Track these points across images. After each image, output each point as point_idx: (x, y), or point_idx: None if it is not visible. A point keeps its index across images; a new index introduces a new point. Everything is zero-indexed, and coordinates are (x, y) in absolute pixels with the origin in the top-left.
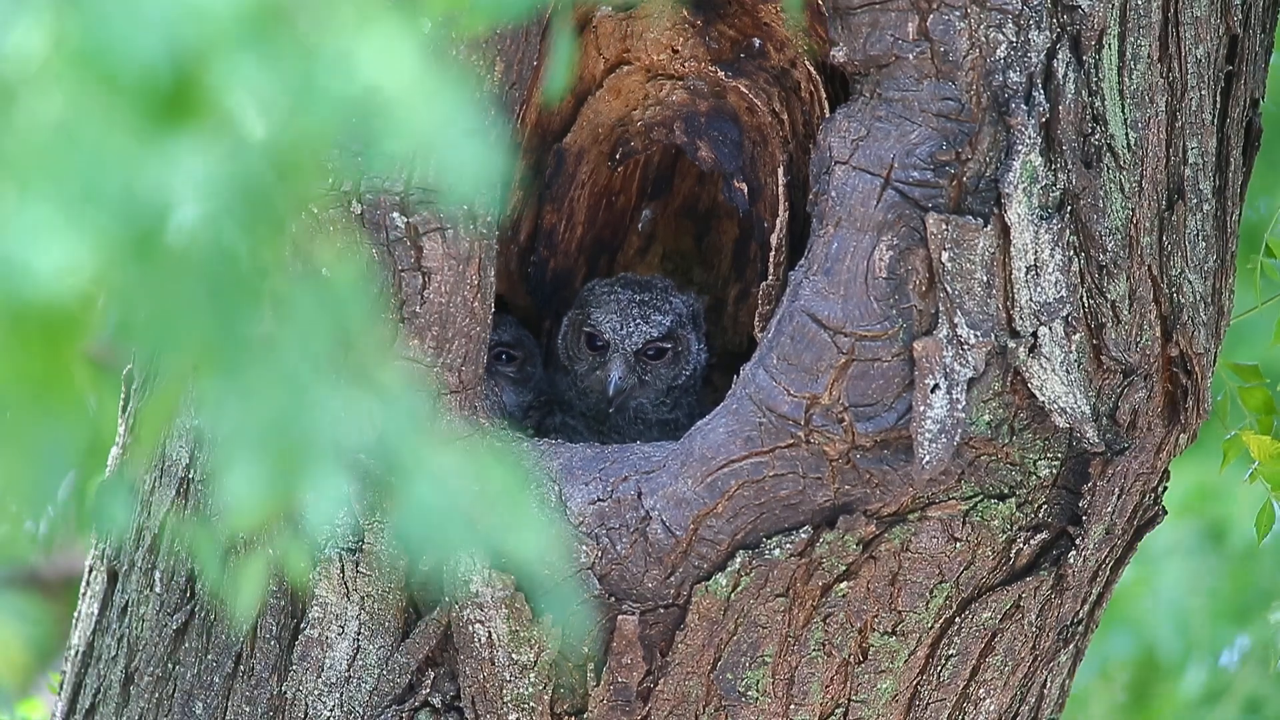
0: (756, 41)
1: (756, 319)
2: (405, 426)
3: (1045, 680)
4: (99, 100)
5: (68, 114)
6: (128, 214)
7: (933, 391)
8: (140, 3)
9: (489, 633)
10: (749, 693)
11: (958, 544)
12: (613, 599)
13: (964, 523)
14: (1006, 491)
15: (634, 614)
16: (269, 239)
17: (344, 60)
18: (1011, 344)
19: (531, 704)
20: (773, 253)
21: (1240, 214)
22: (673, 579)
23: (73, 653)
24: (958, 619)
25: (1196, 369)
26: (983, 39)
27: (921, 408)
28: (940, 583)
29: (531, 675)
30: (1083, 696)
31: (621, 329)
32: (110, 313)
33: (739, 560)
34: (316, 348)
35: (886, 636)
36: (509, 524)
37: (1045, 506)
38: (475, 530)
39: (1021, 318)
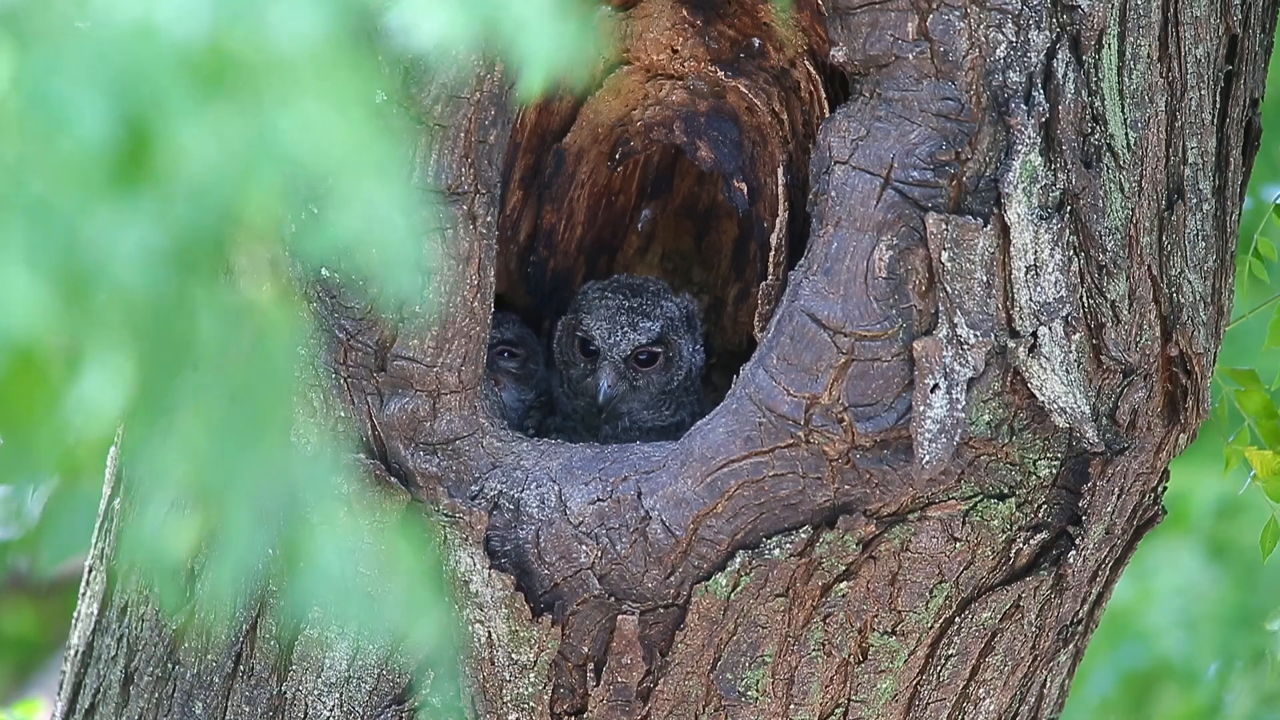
0: (756, 41)
1: (756, 319)
2: (319, 489)
3: (1045, 680)
4: (47, 158)
5: (16, 167)
6: (67, 265)
7: (933, 391)
8: (85, 66)
9: (489, 633)
10: (749, 693)
11: (957, 544)
12: (613, 599)
13: (964, 523)
14: (1006, 491)
15: (634, 614)
16: (205, 285)
17: (291, 121)
18: (1011, 344)
19: (531, 704)
20: (772, 253)
21: (1240, 214)
22: (672, 579)
23: (72, 653)
24: (957, 619)
25: (1196, 369)
26: (982, 39)
27: (921, 408)
28: (940, 583)
29: (531, 675)
30: (1100, 709)
31: (610, 336)
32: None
33: (739, 560)
34: (244, 399)
35: (886, 636)
36: (407, 605)
37: (1045, 506)
38: (372, 608)
39: (1021, 318)
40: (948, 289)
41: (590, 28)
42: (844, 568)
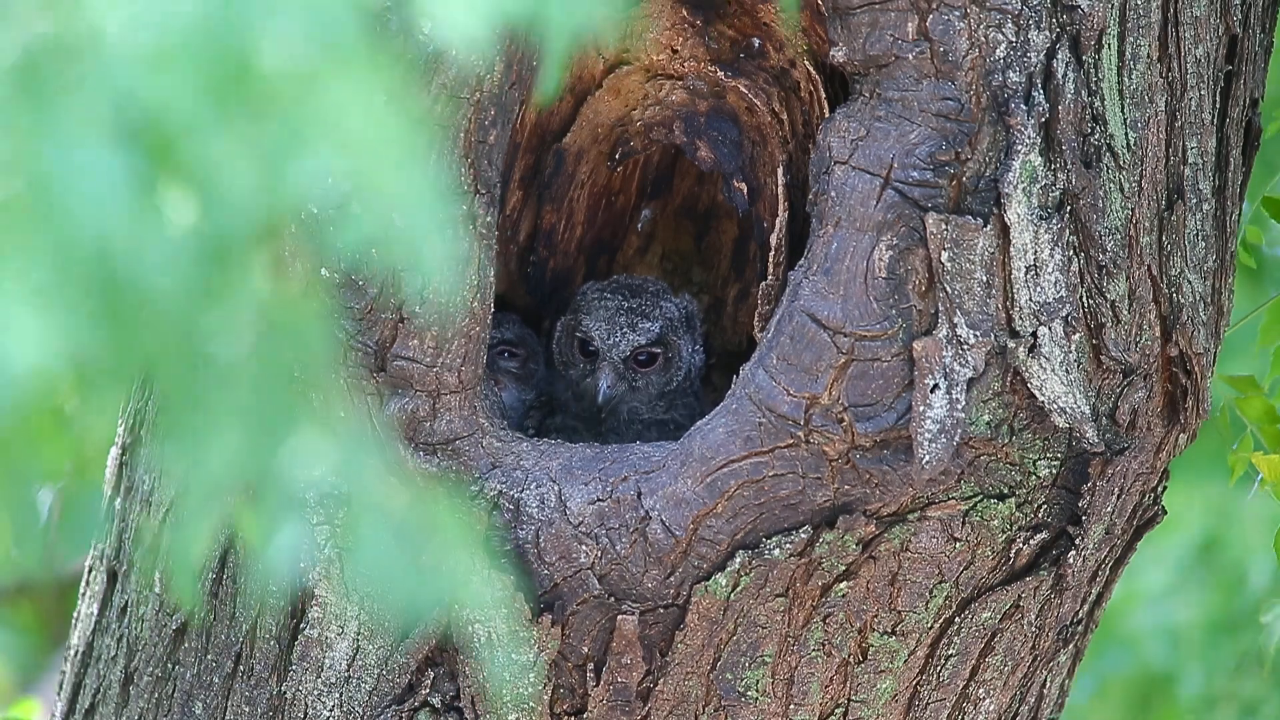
0: (756, 41)
1: (756, 319)
2: (361, 468)
3: (1045, 680)
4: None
5: (36, 183)
6: (101, 277)
7: (932, 391)
8: (101, 110)
9: (489, 633)
10: (749, 693)
11: (957, 544)
12: (612, 599)
13: (964, 523)
14: (1006, 491)
15: (634, 614)
16: (232, 278)
17: (314, 132)
18: (1011, 344)
19: (531, 704)
20: (772, 253)
21: (1240, 214)
22: (672, 579)
23: (72, 653)
24: (957, 619)
25: (1196, 369)
26: (982, 39)
27: (921, 408)
28: (940, 583)
29: (531, 675)
30: (1082, 713)
31: (609, 337)
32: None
33: (739, 560)
34: (276, 385)
35: (886, 636)
36: (460, 573)
37: (1045, 506)
38: (426, 578)
39: (1021, 318)
40: (948, 289)
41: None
42: (844, 568)
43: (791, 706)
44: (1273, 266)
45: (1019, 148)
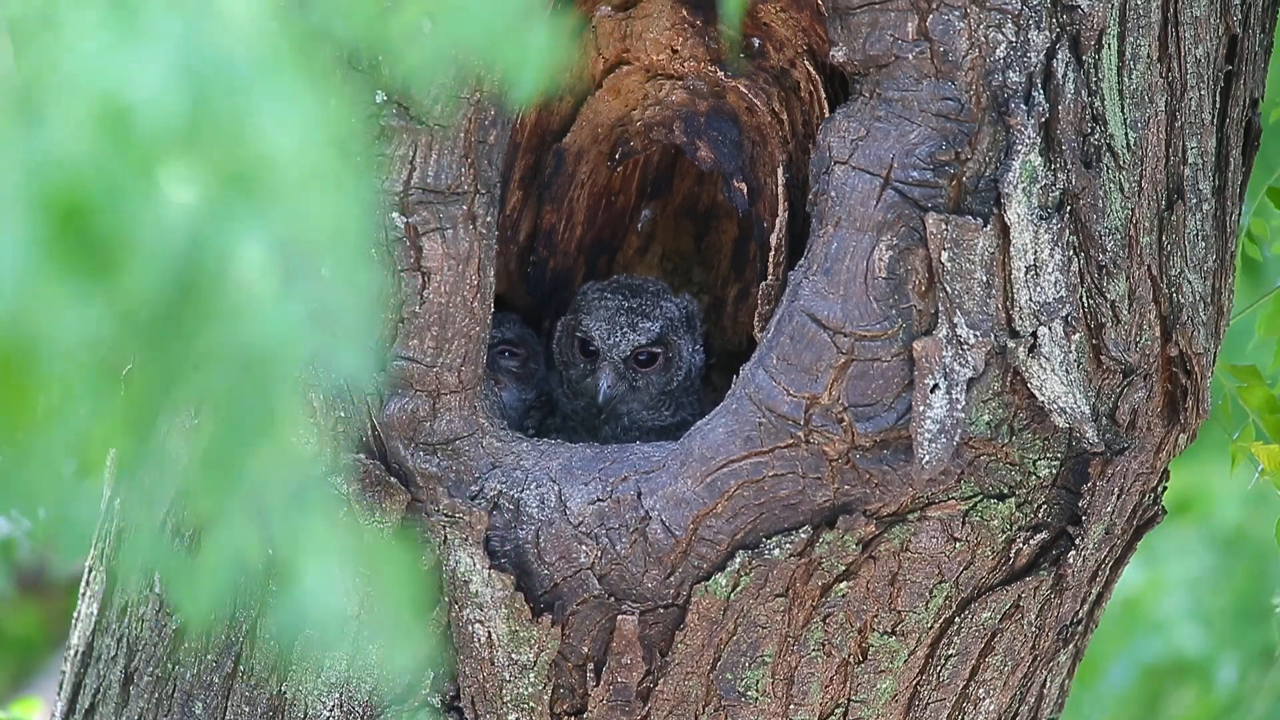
0: (756, 41)
1: (756, 319)
2: (302, 514)
3: (1045, 680)
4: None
5: None
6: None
7: (932, 391)
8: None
9: (489, 633)
10: (749, 693)
11: (957, 544)
12: (612, 599)
13: (964, 523)
14: (1006, 491)
15: (634, 614)
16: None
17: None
18: (1011, 344)
19: (531, 704)
20: (772, 253)
21: (1240, 214)
22: (672, 579)
23: (72, 653)
24: (957, 619)
25: (1196, 369)
26: (982, 39)
27: (921, 408)
28: (940, 583)
29: (531, 675)
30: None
31: (610, 337)
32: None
33: (739, 560)
34: (239, 405)
35: (886, 636)
36: (385, 633)
37: (1045, 506)
38: (347, 636)
39: (1021, 318)
40: (948, 289)
41: (563, 32)
42: (844, 568)
43: (791, 706)
44: (1269, 261)
45: (1019, 148)
